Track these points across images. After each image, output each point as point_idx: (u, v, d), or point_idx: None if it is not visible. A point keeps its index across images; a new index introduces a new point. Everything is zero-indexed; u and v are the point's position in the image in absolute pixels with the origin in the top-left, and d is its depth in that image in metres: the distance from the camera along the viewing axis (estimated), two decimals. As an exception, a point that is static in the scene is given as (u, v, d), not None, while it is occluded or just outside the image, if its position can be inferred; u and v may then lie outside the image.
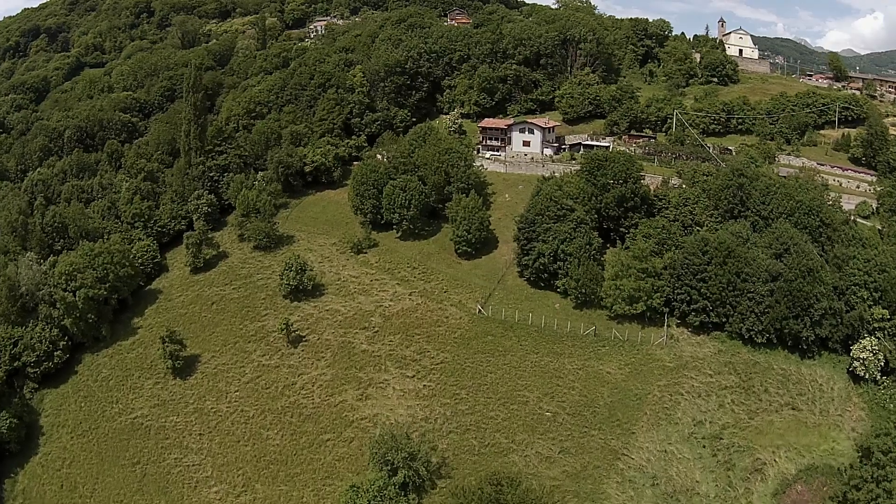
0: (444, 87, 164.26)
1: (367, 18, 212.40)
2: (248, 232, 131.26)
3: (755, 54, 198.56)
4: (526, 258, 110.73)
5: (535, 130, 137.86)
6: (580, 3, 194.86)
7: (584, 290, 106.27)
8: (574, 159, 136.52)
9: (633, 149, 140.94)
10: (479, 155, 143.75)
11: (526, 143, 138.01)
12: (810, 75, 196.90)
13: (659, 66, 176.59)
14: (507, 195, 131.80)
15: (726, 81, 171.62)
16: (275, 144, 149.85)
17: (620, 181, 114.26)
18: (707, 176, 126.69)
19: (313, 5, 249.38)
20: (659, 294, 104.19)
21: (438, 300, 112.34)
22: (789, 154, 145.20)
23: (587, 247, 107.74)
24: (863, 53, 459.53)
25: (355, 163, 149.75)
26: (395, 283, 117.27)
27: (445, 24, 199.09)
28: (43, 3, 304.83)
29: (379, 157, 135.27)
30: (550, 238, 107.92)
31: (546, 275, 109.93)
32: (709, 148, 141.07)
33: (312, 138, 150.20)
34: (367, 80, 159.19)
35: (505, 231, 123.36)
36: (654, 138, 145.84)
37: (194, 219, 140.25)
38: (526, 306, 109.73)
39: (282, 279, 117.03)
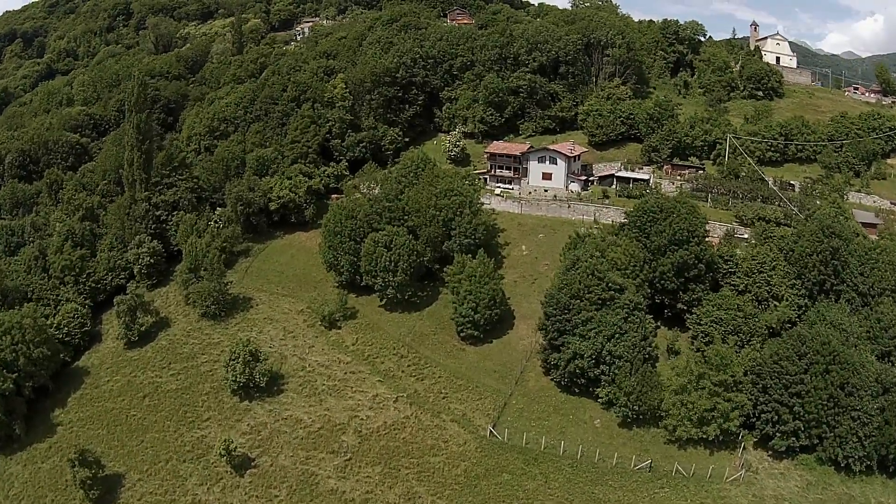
0: (443, 99, 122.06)
1: (354, 18, 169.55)
2: (194, 296, 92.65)
3: (794, 62, 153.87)
4: (556, 356, 71.17)
5: (557, 160, 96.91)
6: (600, 2, 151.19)
7: (636, 406, 67.93)
8: (607, 197, 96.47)
9: (678, 183, 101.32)
10: (487, 188, 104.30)
11: (546, 176, 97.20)
12: (856, 88, 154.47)
13: (693, 75, 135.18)
14: (523, 246, 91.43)
15: (771, 95, 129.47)
16: (235, 174, 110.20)
17: (681, 241, 75.22)
18: (778, 225, 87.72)
19: (301, 5, 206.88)
20: (738, 412, 66.50)
21: (435, 411, 72.48)
22: (859, 190, 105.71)
23: (642, 344, 68.88)
24: (864, 56, 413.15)
25: (333, 197, 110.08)
26: (377, 380, 77.69)
27: (445, 24, 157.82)
28: (25, 6, 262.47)
29: (360, 195, 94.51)
30: (592, 333, 68.88)
31: (583, 380, 70.92)
32: (770, 182, 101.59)
33: (283, 165, 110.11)
34: (350, 93, 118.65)
35: (522, 301, 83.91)
36: (703, 169, 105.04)
37: (135, 271, 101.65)
38: (555, 423, 70.36)
39: (228, 371, 78.75)
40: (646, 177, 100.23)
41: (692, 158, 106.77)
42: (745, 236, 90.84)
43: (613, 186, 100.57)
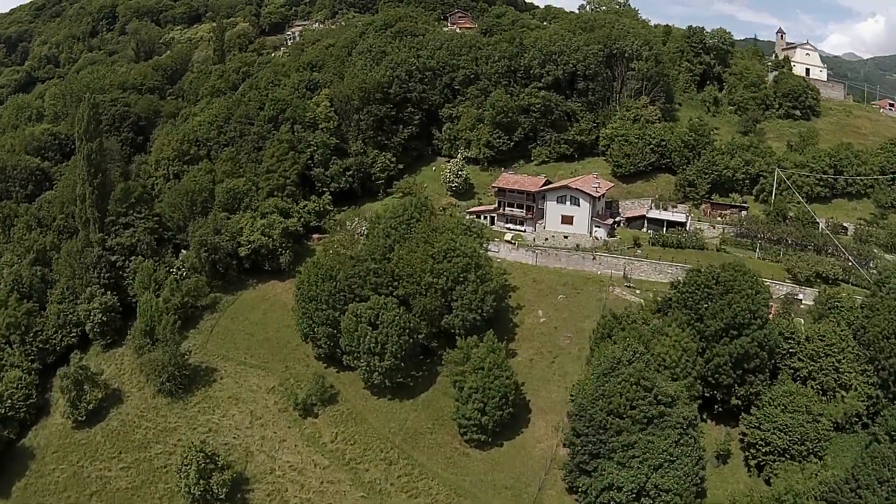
0: (442, 118, 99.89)
1: (346, 23, 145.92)
2: (147, 368, 72.54)
3: (824, 74, 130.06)
4: (585, 480, 50.99)
5: (580, 201, 75.24)
6: (618, 6, 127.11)
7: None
8: (639, 245, 75.40)
9: (719, 227, 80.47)
10: (494, 228, 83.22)
11: (567, 220, 75.85)
12: (892, 105, 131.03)
13: (721, 90, 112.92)
14: (539, 312, 69.92)
15: (808, 114, 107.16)
16: (202, 211, 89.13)
17: (742, 325, 54.77)
18: (837, 283, 67.59)
19: (294, 7, 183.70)
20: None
21: (432, 550, 53.29)
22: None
23: (696, 470, 48.57)
24: (865, 57, 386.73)
25: (314, 237, 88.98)
26: (360, 496, 56.58)
27: (445, 29, 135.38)
28: (12, 9, 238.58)
29: (343, 249, 73.33)
30: (635, 462, 48.70)
31: (623, 512, 50.35)
32: (822, 225, 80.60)
33: (257, 198, 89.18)
34: (335, 112, 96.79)
35: (539, 388, 62.77)
36: (746, 208, 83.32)
37: (87, 329, 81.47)
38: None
39: (180, 479, 58.85)
40: (682, 219, 78.84)
41: (733, 195, 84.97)
42: (800, 297, 70.71)
43: (644, 229, 79.43)
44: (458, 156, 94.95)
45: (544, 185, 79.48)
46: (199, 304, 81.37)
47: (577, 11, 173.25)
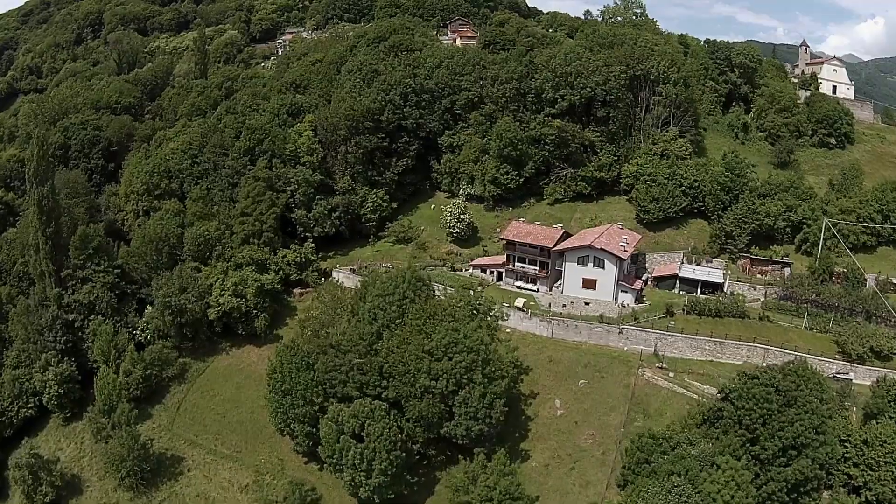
0: (442, 147, 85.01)
1: (335, 33, 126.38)
2: (104, 459, 59.33)
3: (851, 92, 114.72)
4: None
5: (605, 262, 60.76)
6: (634, 16, 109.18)
7: None
8: (671, 314, 61.82)
9: (761, 289, 65.98)
10: (500, 285, 68.60)
11: (589, 284, 61.37)
12: None
13: (748, 112, 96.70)
14: (557, 402, 55.64)
15: (843, 142, 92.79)
16: (168, 261, 74.97)
17: (803, 444, 41.37)
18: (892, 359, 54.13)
19: (286, 13, 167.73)
20: None
21: None
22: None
23: None
24: (866, 59, 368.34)
25: (296, 292, 74.82)
26: None
27: (444, 40, 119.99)
28: (0, 15, 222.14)
29: (323, 324, 57.55)
30: None
31: None
32: (870, 282, 66.48)
33: (230, 245, 75.11)
34: (320, 142, 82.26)
35: (556, 502, 50.20)
36: (790, 264, 68.82)
37: (45, 400, 68.08)
38: None
39: None
40: (719, 278, 64.63)
41: (774, 248, 70.18)
42: (850, 376, 57.35)
43: (676, 289, 65.36)
44: (460, 193, 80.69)
45: (561, 237, 65.00)
46: (164, 376, 67.85)
47: (582, 17, 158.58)
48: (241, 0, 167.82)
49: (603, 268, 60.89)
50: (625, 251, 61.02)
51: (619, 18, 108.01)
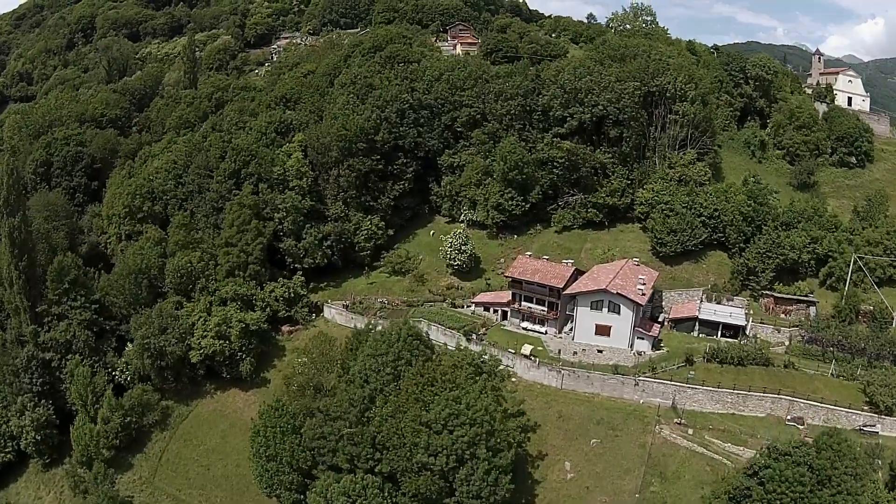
0: (441, 168, 78.58)
1: (329, 41, 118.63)
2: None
3: (867, 104, 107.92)
4: None
5: (621, 307, 54.44)
6: (644, 24, 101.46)
7: None
8: (691, 363, 55.56)
9: (785, 331, 59.65)
10: (504, 326, 62.07)
11: (603, 331, 55.13)
12: None
13: (764, 127, 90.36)
14: (567, 464, 49.52)
15: (863, 161, 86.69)
16: (148, 295, 68.86)
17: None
18: None
19: (281, 17, 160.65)
20: None
21: None
22: None
23: None
24: (866, 60, 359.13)
25: (284, 329, 68.66)
26: None
27: (444, 47, 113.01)
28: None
29: (310, 377, 51.58)
30: None
31: None
32: None
33: (215, 277, 69.15)
34: (310, 164, 76.00)
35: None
36: (815, 303, 62.57)
37: (23, 445, 62.38)
38: None
39: None
40: (742, 321, 58.35)
41: (798, 284, 63.61)
42: (877, 429, 51.73)
43: (695, 332, 59.23)
44: (462, 219, 74.32)
45: (573, 276, 58.76)
46: (145, 422, 61.93)
47: (586, 21, 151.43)
48: (236, 4, 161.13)
49: (619, 313, 54.61)
50: (643, 295, 54.74)
51: (627, 27, 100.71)
